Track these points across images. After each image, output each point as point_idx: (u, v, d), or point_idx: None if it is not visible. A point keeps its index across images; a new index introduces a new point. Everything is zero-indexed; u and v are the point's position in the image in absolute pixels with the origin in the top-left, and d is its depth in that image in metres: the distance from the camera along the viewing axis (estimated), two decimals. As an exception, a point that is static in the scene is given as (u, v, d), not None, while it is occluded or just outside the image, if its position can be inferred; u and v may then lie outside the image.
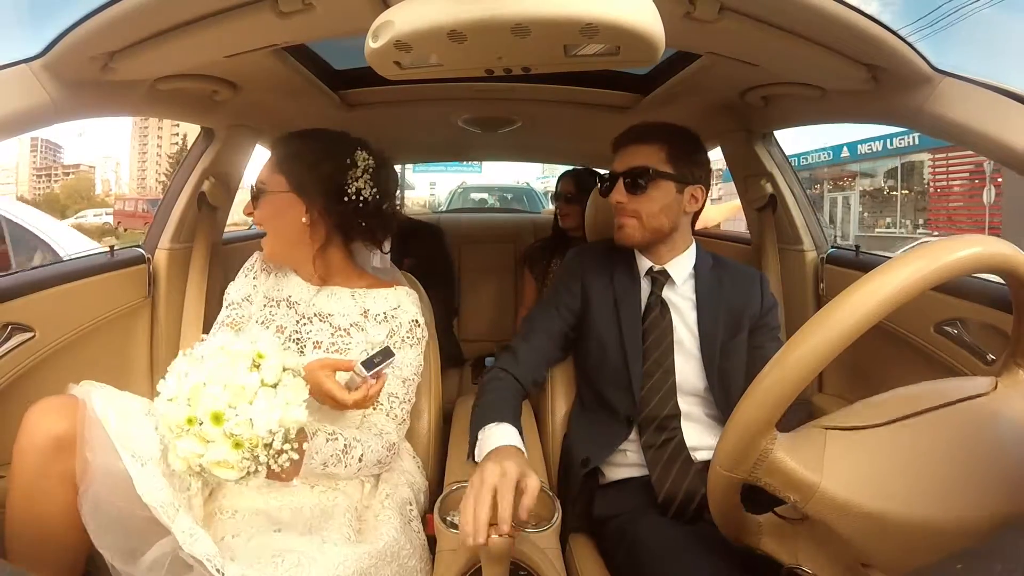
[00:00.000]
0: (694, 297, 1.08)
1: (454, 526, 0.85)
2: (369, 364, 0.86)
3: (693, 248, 1.12)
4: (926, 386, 0.63)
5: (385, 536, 0.87)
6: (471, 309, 2.34)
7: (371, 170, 1.04)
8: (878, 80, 0.91)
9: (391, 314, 1.04)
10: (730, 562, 0.75)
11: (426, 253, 2.05)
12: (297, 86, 1.24)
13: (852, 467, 0.56)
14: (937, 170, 13.05)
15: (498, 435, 0.87)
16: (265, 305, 1.06)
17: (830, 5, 0.73)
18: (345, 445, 0.90)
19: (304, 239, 1.04)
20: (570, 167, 2.21)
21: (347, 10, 0.78)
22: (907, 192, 14.03)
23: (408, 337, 1.04)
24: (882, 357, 1.23)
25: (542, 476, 0.98)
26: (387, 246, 1.14)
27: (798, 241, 1.48)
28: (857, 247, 1.41)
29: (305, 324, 1.03)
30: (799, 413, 0.94)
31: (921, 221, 13.55)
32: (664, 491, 0.95)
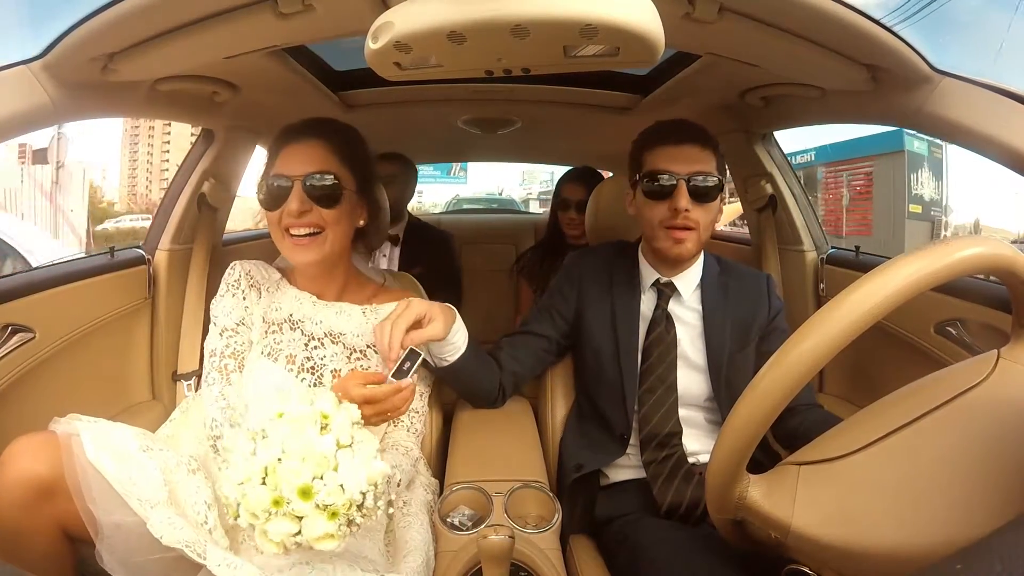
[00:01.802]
0: (700, 308, 1.05)
1: (454, 527, 0.85)
2: (399, 373, 0.83)
3: (702, 257, 1.08)
4: (919, 384, 0.62)
5: (416, 540, 0.86)
6: (471, 310, 2.32)
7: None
8: (878, 80, 0.91)
9: None
10: (732, 565, 0.75)
11: (436, 262, 2.05)
12: (297, 87, 1.24)
13: (822, 503, 0.57)
14: (828, 181, 14.94)
15: None
16: (267, 332, 0.96)
17: (830, 5, 0.73)
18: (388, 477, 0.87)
19: (346, 248, 0.97)
20: (570, 167, 2.17)
21: (347, 11, 0.78)
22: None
23: (425, 349, 0.98)
24: (882, 357, 1.23)
25: (541, 477, 0.97)
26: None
27: (798, 241, 1.48)
28: (857, 248, 1.41)
29: (316, 348, 0.95)
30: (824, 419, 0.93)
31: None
32: (667, 503, 0.95)
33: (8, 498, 0.71)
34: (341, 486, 0.63)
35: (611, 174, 2.27)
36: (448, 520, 0.87)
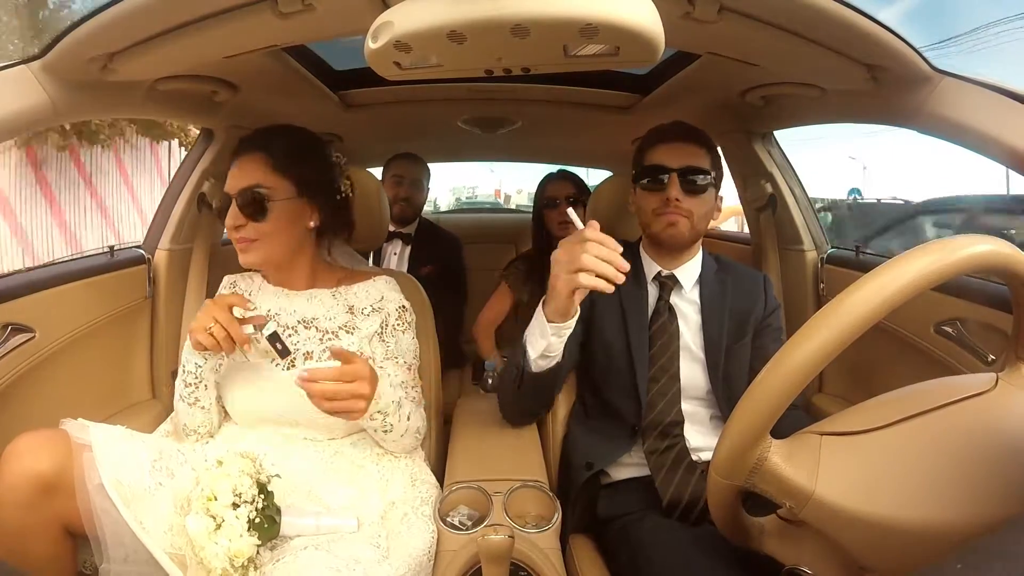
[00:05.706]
0: (699, 301, 1.08)
1: (454, 527, 0.85)
2: (274, 337, 0.89)
3: (700, 252, 1.12)
4: (926, 385, 0.63)
5: (415, 539, 0.86)
6: (470, 309, 2.33)
7: (344, 166, 1.07)
8: (878, 80, 0.91)
9: (378, 305, 1.03)
10: (734, 565, 0.75)
11: (445, 264, 2.05)
12: (297, 87, 1.24)
13: (847, 473, 0.56)
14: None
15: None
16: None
17: (830, 5, 0.73)
18: (399, 399, 0.95)
19: (304, 245, 1.02)
20: (558, 168, 2.09)
21: (347, 11, 0.78)
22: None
23: (399, 324, 1.04)
24: (882, 357, 1.23)
25: (542, 477, 0.97)
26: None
27: (798, 241, 1.48)
28: (857, 247, 1.41)
29: (291, 335, 0.99)
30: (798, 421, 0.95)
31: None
32: (668, 495, 0.95)
33: (11, 496, 0.72)
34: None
35: (610, 173, 2.27)
36: (448, 520, 0.87)
